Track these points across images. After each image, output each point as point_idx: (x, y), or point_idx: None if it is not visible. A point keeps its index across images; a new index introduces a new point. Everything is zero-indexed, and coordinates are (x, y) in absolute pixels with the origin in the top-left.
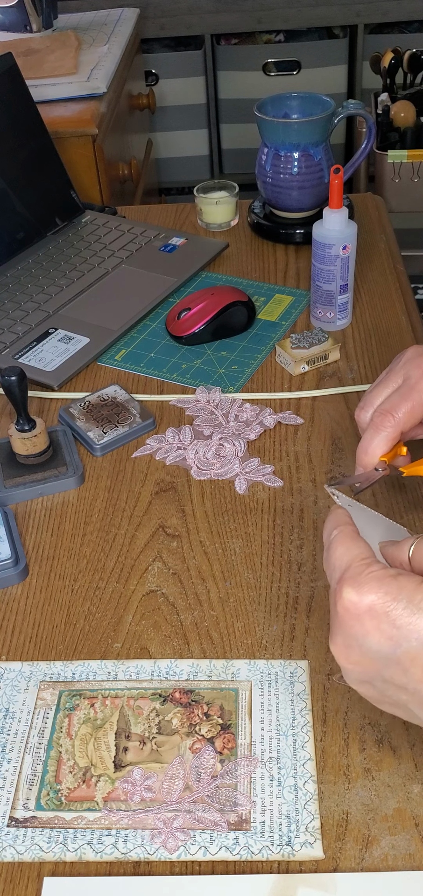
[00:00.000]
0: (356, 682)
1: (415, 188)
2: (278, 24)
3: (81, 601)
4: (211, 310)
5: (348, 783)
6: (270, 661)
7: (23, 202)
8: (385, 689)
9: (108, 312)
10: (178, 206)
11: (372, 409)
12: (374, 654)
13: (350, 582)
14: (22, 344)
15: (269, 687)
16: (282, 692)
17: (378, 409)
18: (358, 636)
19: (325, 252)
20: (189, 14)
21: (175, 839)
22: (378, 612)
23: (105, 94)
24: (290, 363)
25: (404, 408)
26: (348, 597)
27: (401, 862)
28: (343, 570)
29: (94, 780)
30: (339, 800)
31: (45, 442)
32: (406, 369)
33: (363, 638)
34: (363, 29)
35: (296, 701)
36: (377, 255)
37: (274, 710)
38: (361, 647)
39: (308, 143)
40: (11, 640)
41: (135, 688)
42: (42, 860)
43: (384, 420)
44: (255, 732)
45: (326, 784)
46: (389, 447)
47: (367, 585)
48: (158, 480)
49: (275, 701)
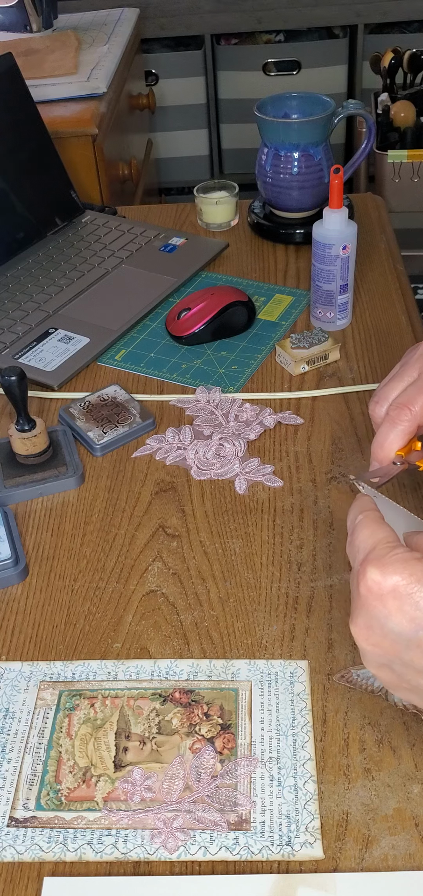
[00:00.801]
0: (375, 664)
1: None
2: (278, 24)
3: (81, 601)
4: (211, 310)
5: (348, 783)
6: (270, 661)
7: (23, 202)
8: (404, 673)
9: (108, 312)
10: (178, 206)
11: (387, 404)
12: (396, 635)
13: (375, 562)
14: (22, 344)
15: (269, 687)
16: (282, 692)
17: (394, 403)
18: (380, 617)
19: (325, 252)
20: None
21: (175, 839)
22: (402, 593)
23: (105, 94)
24: (290, 363)
25: (421, 401)
26: (373, 577)
27: (401, 862)
28: (368, 552)
29: (94, 780)
30: (339, 800)
31: (45, 442)
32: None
33: (384, 619)
34: (363, 29)
35: (296, 701)
36: (377, 255)
37: (274, 710)
38: (382, 629)
39: (308, 143)
40: (11, 640)
41: (135, 688)
42: (42, 860)
43: (401, 414)
44: (255, 732)
45: (326, 784)
46: (405, 441)
47: (392, 566)
48: (158, 480)
49: (275, 701)
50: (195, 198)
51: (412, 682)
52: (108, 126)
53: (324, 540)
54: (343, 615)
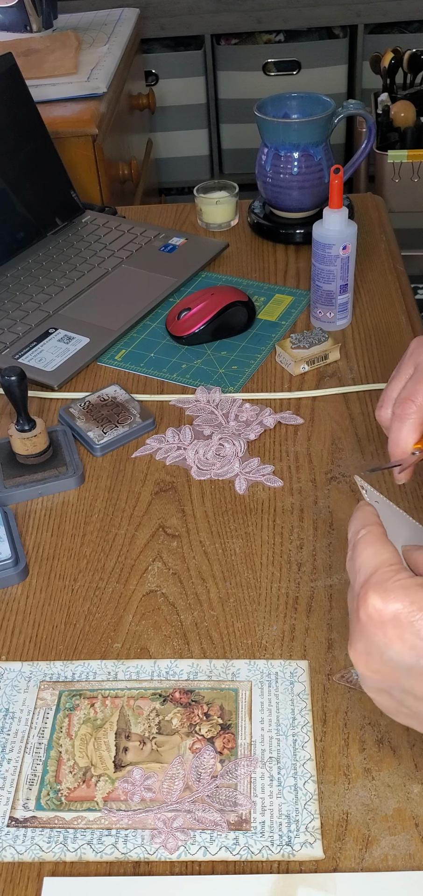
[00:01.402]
0: (373, 690)
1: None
2: (278, 24)
3: (81, 601)
4: (211, 310)
5: (348, 783)
6: (270, 661)
7: (23, 202)
8: (404, 700)
9: (108, 312)
10: (178, 206)
11: (391, 404)
12: (395, 664)
13: (376, 588)
14: (22, 344)
15: (269, 687)
16: (282, 692)
17: (397, 400)
18: (380, 644)
19: (325, 252)
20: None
21: (175, 839)
22: (403, 621)
23: (105, 94)
24: (290, 363)
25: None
26: (373, 603)
27: (401, 862)
28: (369, 575)
29: (94, 780)
30: (339, 800)
31: (45, 442)
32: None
33: (384, 647)
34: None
35: (296, 701)
36: (377, 255)
37: (274, 710)
38: (382, 656)
39: (308, 143)
40: (11, 640)
41: (135, 688)
42: (42, 860)
43: (406, 407)
44: (255, 732)
45: (326, 784)
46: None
47: (393, 593)
48: (158, 480)
49: (275, 701)
50: (195, 198)
51: (412, 708)
52: (108, 126)
53: (324, 540)
54: (343, 615)
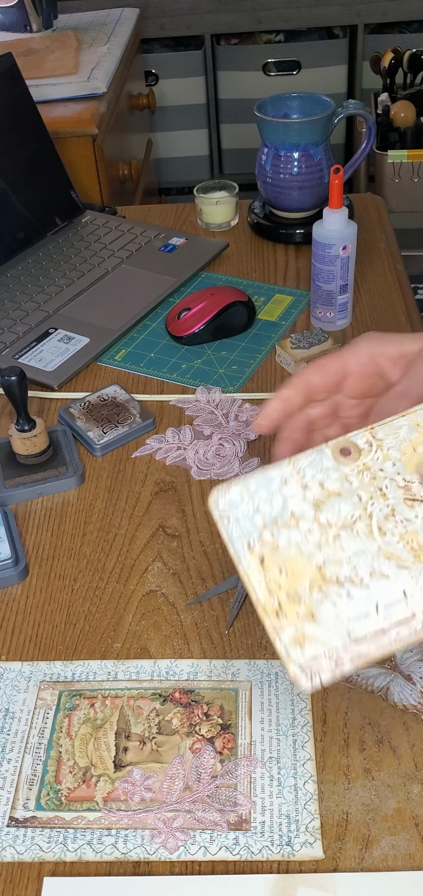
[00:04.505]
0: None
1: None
2: (278, 24)
3: (81, 601)
4: (211, 310)
5: (348, 783)
6: (270, 661)
7: (23, 202)
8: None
9: (108, 312)
10: (178, 206)
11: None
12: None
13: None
14: (22, 344)
15: (269, 687)
16: (282, 692)
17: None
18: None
19: (325, 252)
20: (189, 14)
21: (175, 839)
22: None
23: (105, 94)
24: (290, 363)
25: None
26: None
27: (401, 862)
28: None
29: (94, 780)
30: (339, 800)
31: (45, 442)
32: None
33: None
34: (362, 29)
35: (296, 701)
36: (377, 255)
37: (274, 710)
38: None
39: (308, 143)
40: (11, 640)
41: (135, 688)
42: (42, 860)
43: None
44: (255, 732)
45: (326, 784)
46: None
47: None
48: (158, 480)
49: (275, 701)
50: (195, 198)
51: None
52: (108, 126)
53: None
54: None
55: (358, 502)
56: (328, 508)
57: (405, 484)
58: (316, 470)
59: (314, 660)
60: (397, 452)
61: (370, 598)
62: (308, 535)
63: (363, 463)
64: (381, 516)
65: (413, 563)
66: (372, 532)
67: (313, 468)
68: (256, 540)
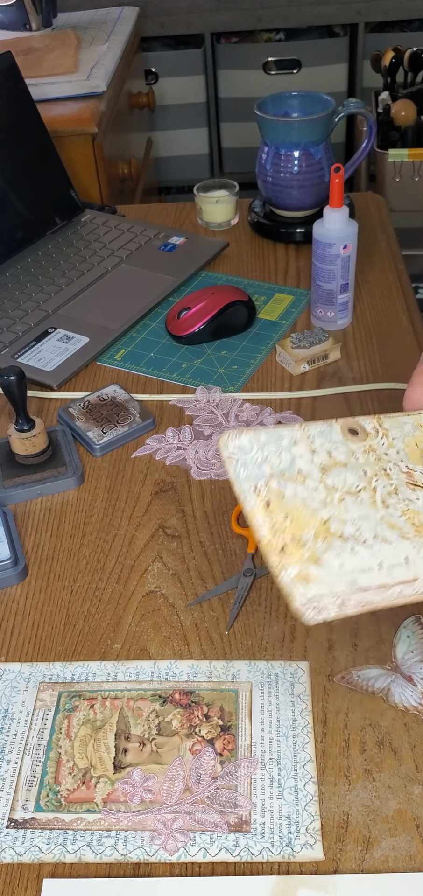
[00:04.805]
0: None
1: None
2: (278, 23)
3: (81, 602)
4: (211, 309)
5: (348, 784)
6: (270, 661)
7: (22, 201)
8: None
9: (107, 312)
10: (178, 204)
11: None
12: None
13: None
14: (21, 343)
15: (269, 688)
16: (282, 693)
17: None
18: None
19: (325, 251)
20: (189, 12)
21: (175, 840)
22: None
23: (105, 93)
24: (290, 363)
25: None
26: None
27: (402, 863)
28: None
29: (93, 781)
30: (339, 801)
31: (45, 442)
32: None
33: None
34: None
35: (296, 702)
36: (377, 254)
37: (274, 711)
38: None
39: (309, 141)
40: (11, 641)
41: (135, 689)
42: (41, 861)
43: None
44: (255, 734)
45: (326, 785)
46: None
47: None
48: (157, 480)
49: (275, 702)
50: (195, 197)
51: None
52: (107, 125)
53: None
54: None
55: (363, 476)
56: (335, 475)
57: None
58: (325, 440)
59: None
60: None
61: (374, 557)
62: (314, 492)
63: (370, 445)
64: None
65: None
66: (376, 503)
67: (322, 437)
68: (263, 485)
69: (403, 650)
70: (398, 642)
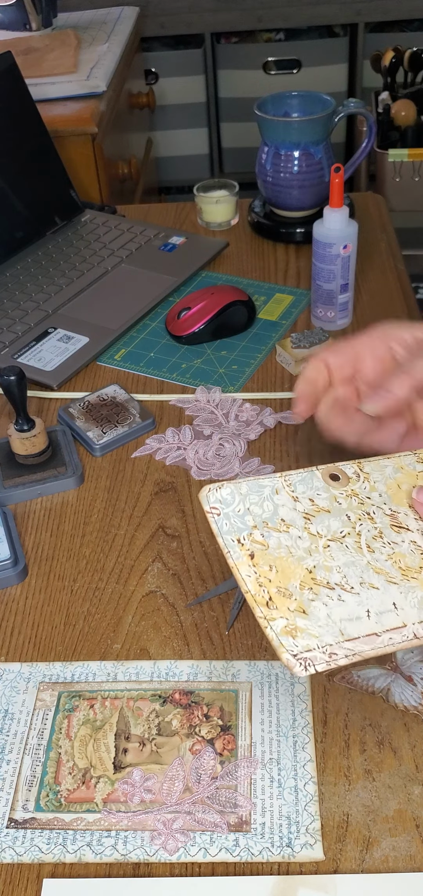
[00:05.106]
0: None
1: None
2: (278, 23)
3: (81, 602)
4: (211, 309)
5: (348, 784)
6: (270, 661)
7: (22, 201)
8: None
9: (107, 312)
10: (178, 204)
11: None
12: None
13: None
14: (21, 343)
15: (269, 688)
16: (282, 693)
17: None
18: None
19: (325, 251)
20: (189, 12)
21: (175, 840)
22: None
23: (105, 93)
24: (290, 363)
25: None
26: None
27: (402, 863)
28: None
29: (93, 781)
30: (339, 801)
31: (45, 442)
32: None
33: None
34: (363, 27)
35: (296, 702)
36: (377, 254)
37: (274, 711)
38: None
39: (309, 141)
40: (10, 641)
41: (134, 689)
42: (41, 861)
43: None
44: (255, 734)
45: (326, 785)
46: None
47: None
48: (157, 480)
49: (275, 702)
50: (195, 197)
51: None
52: (107, 125)
53: None
54: None
55: (347, 521)
56: (318, 521)
57: (391, 513)
58: (307, 487)
59: (308, 651)
60: (383, 486)
61: (362, 605)
62: (299, 540)
63: (352, 489)
64: (369, 536)
65: (401, 579)
66: (361, 548)
67: (303, 485)
68: (246, 536)
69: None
70: None
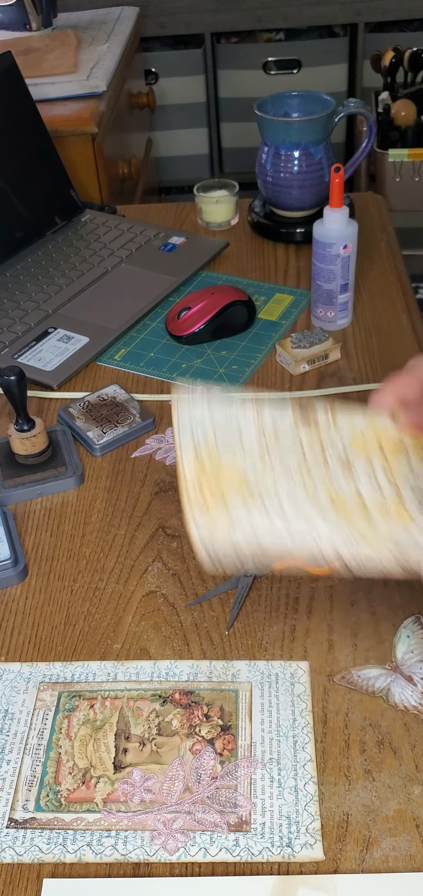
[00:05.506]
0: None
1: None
2: (278, 23)
3: (81, 602)
4: (211, 309)
5: (348, 784)
6: (270, 661)
7: (22, 201)
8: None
9: (107, 312)
10: (178, 204)
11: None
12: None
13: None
14: (21, 343)
15: (269, 688)
16: (282, 693)
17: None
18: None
19: (325, 251)
20: (189, 12)
21: (175, 840)
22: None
23: (105, 93)
24: (290, 363)
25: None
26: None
27: (402, 863)
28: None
29: (93, 781)
30: (339, 801)
31: (45, 442)
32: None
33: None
34: (363, 27)
35: (296, 702)
36: (377, 254)
37: (274, 711)
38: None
39: (309, 141)
40: (11, 641)
41: (135, 689)
42: (41, 861)
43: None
44: (255, 733)
45: (326, 785)
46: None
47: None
48: (157, 480)
49: (275, 702)
50: (195, 197)
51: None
52: (107, 125)
53: None
54: (343, 615)
55: (302, 460)
56: (274, 452)
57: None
58: (275, 420)
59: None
60: (348, 431)
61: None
62: (249, 459)
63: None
64: (318, 478)
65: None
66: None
67: (272, 419)
68: (200, 434)
69: (403, 650)
70: (398, 642)
